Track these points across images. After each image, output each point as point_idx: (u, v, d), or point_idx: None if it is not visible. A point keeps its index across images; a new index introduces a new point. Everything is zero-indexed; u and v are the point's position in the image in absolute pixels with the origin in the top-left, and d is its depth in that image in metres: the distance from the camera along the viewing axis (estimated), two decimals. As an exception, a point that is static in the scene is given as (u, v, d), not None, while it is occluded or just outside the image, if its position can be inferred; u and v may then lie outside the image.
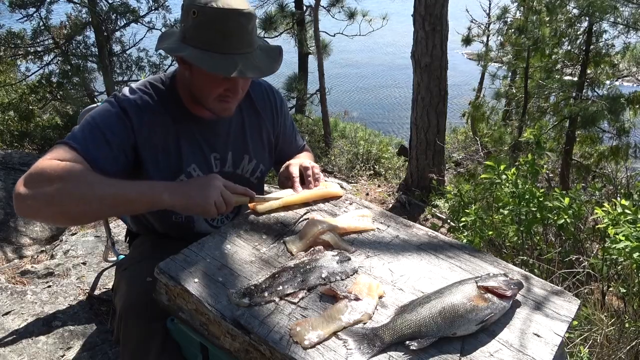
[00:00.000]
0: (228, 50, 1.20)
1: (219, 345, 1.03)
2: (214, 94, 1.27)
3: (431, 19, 5.51)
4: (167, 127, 1.34)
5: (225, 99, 1.29)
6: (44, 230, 3.20)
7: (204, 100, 1.30)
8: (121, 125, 1.26)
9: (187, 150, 1.36)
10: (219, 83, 1.25)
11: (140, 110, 1.29)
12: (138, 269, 1.34)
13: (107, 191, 1.12)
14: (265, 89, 1.53)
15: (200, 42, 1.20)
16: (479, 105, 8.88)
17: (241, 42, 1.21)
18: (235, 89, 1.27)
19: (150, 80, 1.37)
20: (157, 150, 1.32)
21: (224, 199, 1.20)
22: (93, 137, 1.21)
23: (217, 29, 1.18)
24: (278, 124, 1.56)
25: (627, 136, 7.05)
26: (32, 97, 7.98)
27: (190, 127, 1.37)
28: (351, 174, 7.23)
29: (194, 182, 1.23)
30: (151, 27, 8.26)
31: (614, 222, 1.82)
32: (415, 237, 1.26)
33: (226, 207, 1.21)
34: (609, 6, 6.17)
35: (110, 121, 1.25)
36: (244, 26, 1.21)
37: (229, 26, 1.19)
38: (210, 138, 1.40)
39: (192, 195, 1.17)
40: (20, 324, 1.96)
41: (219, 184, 1.21)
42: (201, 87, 1.28)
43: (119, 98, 1.30)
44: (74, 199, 1.10)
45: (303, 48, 10.48)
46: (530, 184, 2.26)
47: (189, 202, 1.16)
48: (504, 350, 0.92)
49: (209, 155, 1.41)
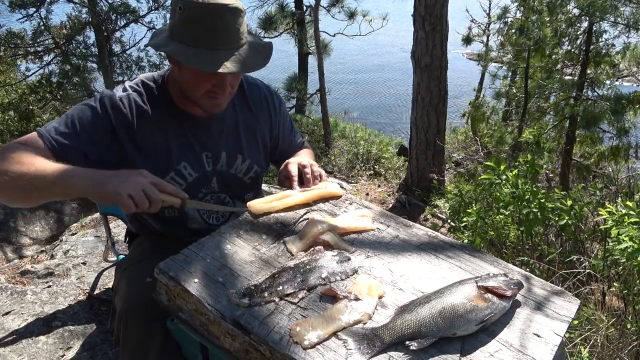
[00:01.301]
0: (214, 45, 1.20)
1: (219, 346, 1.03)
2: (202, 89, 1.27)
3: (431, 19, 5.51)
4: (157, 124, 1.33)
5: (214, 95, 1.29)
6: (44, 230, 3.20)
7: (193, 97, 1.30)
8: (95, 120, 1.26)
9: (176, 148, 1.36)
10: (207, 79, 1.25)
11: (126, 107, 1.29)
12: (138, 269, 1.34)
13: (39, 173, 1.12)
14: (262, 91, 1.52)
15: (186, 38, 1.20)
16: (479, 105, 8.88)
17: (228, 38, 1.21)
18: (223, 84, 1.27)
19: (143, 79, 1.38)
20: (146, 147, 1.32)
21: (147, 196, 1.14)
22: (64, 127, 1.24)
23: (203, 24, 1.18)
24: (277, 125, 1.55)
25: (627, 136, 7.05)
26: (32, 97, 7.97)
27: (181, 125, 1.37)
28: (351, 174, 7.23)
29: (118, 172, 1.17)
30: (151, 27, 8.26)
31: (618, 223, 1.82)
32: (415, 237, 1.26)
33: (150, 205, 1.15)
34: (609, 6, 6.17)
35: (84, 115, 1.26)
36: (230, 21, 1.20)
37: (215, 21, 1.18)
38: (202, 136, 1.40)
39: (105, 183, 1.12)
40: (20, 324, 1.96)
41: (143, 180, 1.14)
42: (189, 84, 1.28)
43: (102, 95, 1.31)
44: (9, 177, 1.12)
45: (303, 48, 10.48)
46: (530, 184, 2.26)
47: (101, 190, 1.12)
48: (504, 350, 0.92)
49: (201, 154, 1.40)
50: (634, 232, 1.71)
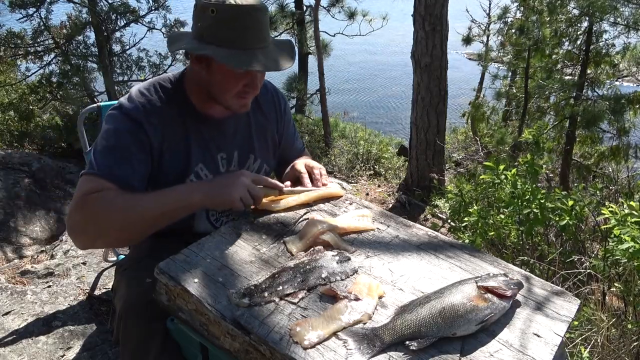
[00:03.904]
0: (249, 45, 1.22)
1: (219, 346, 1.03)
2: (235, 90, 1.28)
3: (431, 19, 5.50)
4: (176, 127, 1.34)
5: (244, 95, 1.31)
6: (44, 231, 3.20)
7: (224, 98, 1.31)
8: (134, 138, 1.26)
9: (195, 150, 1.37)
10: (239, 79, 1.27)
11: (148, 113, 1.29)
12: (138, 269, 1.34)
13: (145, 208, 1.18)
14: (270, 91, 1.54)
15: (220, 40, 1.21)
16: (479, 105, 8.88)
17: (259, 37, 1.24)
18: (255, 83, 1.29)
19: (158, 81, 1.37)
20: (167, 151, 1.32)
21: (252, 194, 1.24)
22: (114, 159, 1.23)
23: (237, 26, 1.20)
24: (282, 125, 1.57)
25: (627, 136, 7.05)
26: (32, 97, 7.96)
27: (198, 126, 1.37)
28: (351, 174, 7.22)
29: (222, 179, 1.26)
30: (151, 27, 8.24)
31: (620, 223, 1.82)
32: (415, 237, 1.25)
33: (255, 201, 1.25)
34: (609, 6, 6.17)
35: (124, 138, 1.25)
36: (260, 21, 1.23)
37: (247, 22, 1.21)
38: (218, 137, 1.41)
39: (219, 194, 1.21)
40: (20, 324, 1.96)
41: (246, 181, 1.24)
42: (221, 85, 1.28)
43: (125, 109, 1.28)
44: (117, 227, 1.17)
45: (303, 48, 10.46)
46: (530, 184, 2.26)
47: (218, 199, 1.22)
48: (504, 350, 0.92)
49: (216, 155, 1.41)
50: (636, 233, 1.71)
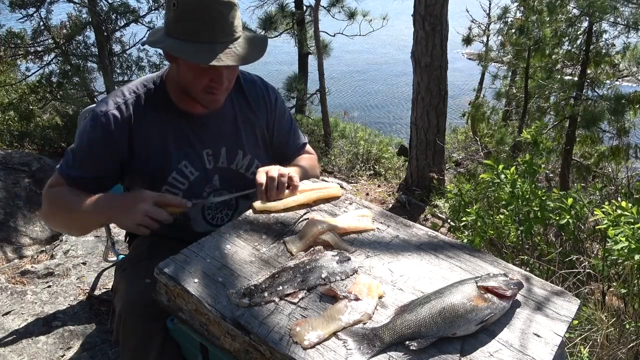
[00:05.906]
0: (209, 39, 1.20)
1: (219, 346, 1.03)
2: (200, 85, 1.28)
3: (431, 19, 5.50)
4: (155, 126, 1.35)
5: (211, 90, 1.29)
6: (44, 231, 3.20)
7: (193, 93, 1.31)
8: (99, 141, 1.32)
9: (176, 148, 1.37)
10: (204, 74, 1.25)
11: (122, 114, 1.32)
12: (138, 269, 1.35)
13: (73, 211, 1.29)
14: (260, 87, 1.52)
15: (180, 33, 1.21)
16: (479, 105, 8.87)
17: (222, 31, 1.22)
18: (220, 79, 1.27)
19: (143, 81, 1.40)
20: (146, 149, 1.34)
21: (154, 218, 1.19)
22: (74, 159, 1.34)
23: (196, 19, 1.19)
24: (272, 119, 1.54)
25: (627, 136, 7.04)
26: (32, 97, 7.96)
27: (179, 124, 1.37)
28: (351, 174, 7.22)
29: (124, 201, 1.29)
30: (151, 27, 8.22)
31: (613, 223, 1.82)
32: (415, 237, 1.26)
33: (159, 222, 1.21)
34: (609, 6, 6.17)
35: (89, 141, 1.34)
36: (223, 14, 1.21)
37: (208, 15, 1.19)
38: (202, 134, 1.40)
39: (117, 218, 1.26)
40: (20, 324, 1.96)
41: (145, 206, 1.19)
42: (187, 79, 1.29)
43: (98, 112, 1.33)
44: (59, 220, 1.38)
45: (303, 48, 10.46)
46: (529, 184, 2.26)
47: (118, 223, 1.32)
48: (504, 350, 0.92)
49: (201, 152, 1.40)
50: (629, 232, 1.72)
